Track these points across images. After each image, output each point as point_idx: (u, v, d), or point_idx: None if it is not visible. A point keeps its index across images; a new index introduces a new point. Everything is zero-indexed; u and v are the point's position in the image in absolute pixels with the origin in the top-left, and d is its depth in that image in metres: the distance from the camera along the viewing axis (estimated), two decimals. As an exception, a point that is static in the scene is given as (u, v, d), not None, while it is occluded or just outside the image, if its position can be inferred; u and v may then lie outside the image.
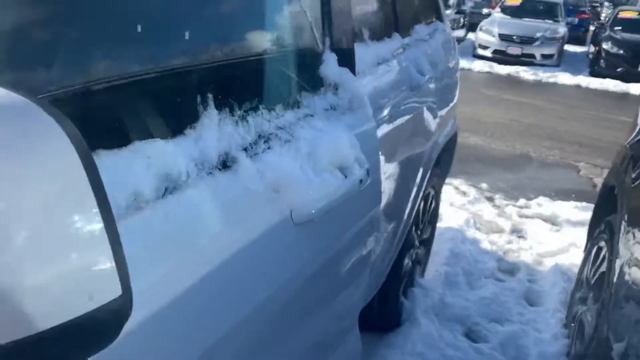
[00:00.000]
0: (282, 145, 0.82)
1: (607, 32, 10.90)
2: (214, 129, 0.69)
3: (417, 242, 2.49)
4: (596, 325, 1.90)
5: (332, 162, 0.86)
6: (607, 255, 2.02)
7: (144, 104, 0.63)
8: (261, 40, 0.88)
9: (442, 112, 2.17)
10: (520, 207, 4.00)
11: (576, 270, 3.03)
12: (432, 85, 1.98)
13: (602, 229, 2.20)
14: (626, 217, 1.84)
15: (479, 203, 3.99)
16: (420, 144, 1.91)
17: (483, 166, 4.89)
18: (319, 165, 0.83)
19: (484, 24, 11.56)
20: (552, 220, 3.78)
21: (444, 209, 3.73)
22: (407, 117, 1.68)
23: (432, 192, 2.54)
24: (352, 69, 1.10)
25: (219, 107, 0.72)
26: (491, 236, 3.47)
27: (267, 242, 0.76)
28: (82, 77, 0.56)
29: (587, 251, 2.39)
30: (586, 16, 15.43)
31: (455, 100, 2.47)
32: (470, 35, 12.97)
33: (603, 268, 2.04)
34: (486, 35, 11.20)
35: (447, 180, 4.51)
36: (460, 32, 13.11)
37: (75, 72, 0.56)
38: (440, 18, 2.49)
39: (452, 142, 2.58)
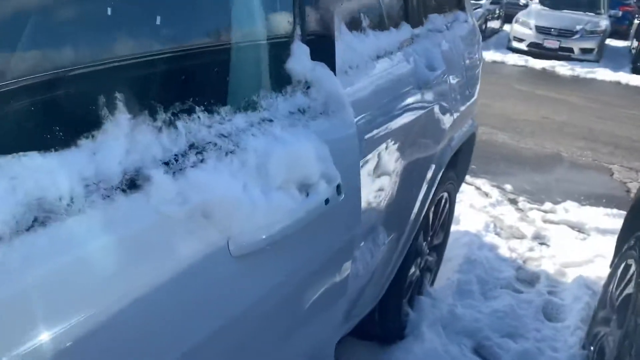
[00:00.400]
0: (221, 158, 0.67)
1: (653, 26, 10.30)
2: (122, 138, 0.55)
3: (426, 249, 2.32)
4: (618, 355, 1.71)
5: (289, 178, 0.71)
6: (635, 276, 1.81)
7: (17, 105, 0.49)
8: (204, 25, 0.72)
9: (458, 111, 1.98)
10: (545, 211, 3.76)
11: (602, 283, 2.81)
12: (445, 82, 1.80)
13: (632, 245, 1.99)
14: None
15: (501, 206, 3.77)
16: (429, 146, 1.74)
17: (509, 166, 4.64)
18: (271, 182, 0.69)
19: (520, 15, 11.08)
20: (579, 227, 3.53)
21: (463, 210, 3.54)
22: (411, 117, 1.52)
23: (446, 196, 2.36)
24: (331, 64, 0.94)
25: (133, 109, 0.58)
26: (511, 242, 3.26)
27: (191, 283, 0.61)
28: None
29: (614, 266, 2.18)
30: (630, 9, 14.63)
31: (474, 98, 2.28)
32: (506, 27, 12.48)
33: (630, 289, 1.84)
34: (522, 28, 10.73)
35: (469, 180, 4.30)
36: (495, 24, 12.65)
37: None
38: (462, 7, 2.29)
39: (469, 143, 2.39)
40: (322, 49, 0.91)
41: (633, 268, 1.89)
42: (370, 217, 1.48)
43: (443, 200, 2.35)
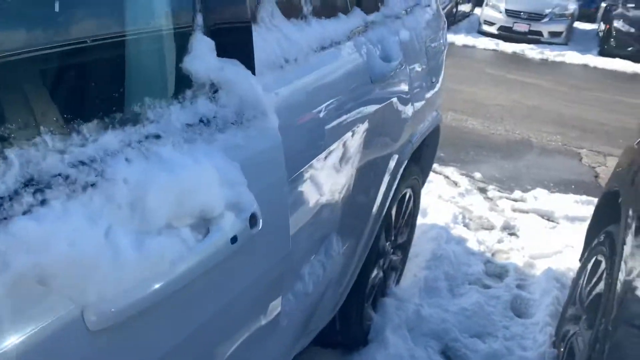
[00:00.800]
0: (74, 194, 0.50)
1: (619, 10, 10.36)
2: None
3: (389, 249, 2.20)
4: (588, 358, 1.62)
5: (179, 215, 0.55)
6: (605, 275, 1.72)
7: None
8: (62, 10, 0.53)
9: (419, 104, 1.85)
10: (515, 200, 3.69)
11: (571, 275, 2.75)
12: (404, 73, 1.66)
13: (602, 241, 1.90)
14: (633, 233, 1.54)
15: (470, 195, 3.69)
16: (386, 144, 1.60)
17: (479, 153, 4.57)
18: (150, 223, 0.52)
19: (490, -2, 11.02)
20: (548, 216, 3.48)
21: (431, 202, 3.44)
22: (365, 115, 1.37)
23: (410, 192, 2.24)
24: (248, 60, 0.77)
25: None
26: (480, 234, 3.18)
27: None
28: None
29: (584, 261, 2.10)
30: (598, -9, 14.73)
31: (438, 88, 2.14)
32: (477, 11, 12.41)
33: (600, 289, 1.75)
34: (492, 11, 10.68)
35: (438, 169, 4.21)
36: (466, 7, 12.58)
37: None
38: (422, -10, 2.14)
39: (433, 135, 2.27)
40: (235, 42, 0.74)
41: (603, 265, 1.80)
42: (320, 229, 1.34)
43: (407, 197, 2.23)
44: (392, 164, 1.70)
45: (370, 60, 1.40)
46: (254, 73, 0.78)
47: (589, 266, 1.98)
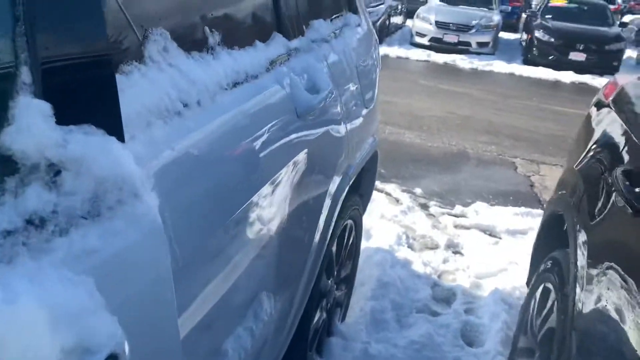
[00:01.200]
0: None
1: (539, 20, 10.93)
2: None
3: (332, 286, 2.03)
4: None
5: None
6: (556, 308, 1.64)
7: None
8: None
9: (354, 133, 1.70)
10: (457, 215, 3.65)
11: (517, 295, 2.70)
12: (334, 103, 1.50)
13: (549, 267, 1.83)
14: (585, 264, 1.45)
15: (412, 212, 3.61)
16: (320, 182, 1.43)
17: (418, 167, 4.53)
18: None
19: (421, 11, 11.30)
20: (490, 231, 3.45)
21: (374, 223, 3.32)
22: (292, 153, 1.19)
23: (350, 223, 2.09)
24: (110, 124, 0.56)
25: None
26: (425, 254, 3.09)
27: None
28: None
29: (531, 288, 2.02)
30: (518, 4, 15.56)
31: (372, 113, 2.01)
32: (409, 22, 12.70)
33: (552, 322, 1.66)
34: (423, 23, 10.95)
35: (380, 186, 4.11)
36: (398, 19, 12.84)
37: None
38: (353, 9, 2.00)
39: (372, 162, 2.13)
40: (88, 99, 0.53)
41: (552, 296, 1.72)
42: (245, 293, 1.15)
43: (348, 229, 2.07)
44: (328, 201, 1.53)
45: (295, 93, 1.23)
46: (121, 139, 0.57)
47: (538, 294, 1.90)
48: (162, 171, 0.75)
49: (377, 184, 4.10)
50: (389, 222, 3.40)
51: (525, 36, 11.37)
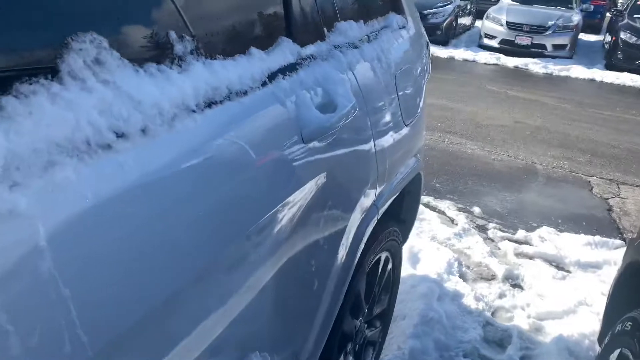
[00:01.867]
0: None
1: (625, 20, 9.95)
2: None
3: (361, 326, 1.77)
4: None
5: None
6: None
7: None
8: None
9: (388, 153, 1.43)
10: (519, 242, 3.25)
11: (587, 345, 2.30)
12: (361, 120, 1.24)
13: (629, 330, 1.47)
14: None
15: (467, 236, 3.25)
16: (334, 218, 1.17)
17: (478, 182, 4.14)
18: None
19: (491, 11, 10.66)
20: (557, 263, 3.03)
21: (423, 245, 3.01)
22: (289, 190, 0.95)
23: (386, 256, 1.81)
24: None
25: None
26: (479, 286, 2.74)
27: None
28: None
29: (605, 349, 1.66)
30: (602, 2, 14.38)
31: (415, 130, 1.72)
32: (478, 23, 12.06)
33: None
34: (493, 24, 10.31)
35: (433, 202, 3.78)
36: (466, 20, 12.24)
37: None
38: (397, 8, 1.73)
39: (414, 185, 1.84)
40: None
41: (633, 369, 1.36)
42: (230, 351, 0.92)
43: (382, 262, 1.80)
44: (347, 238, 1.28)
45: (301, 112, 0.98)
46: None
47: (614, 358, 1.54)
48: (61, 232, 0.54)
49: (430, 200, 3.78)
50: (440, 245, 3.08)
51: (608, 38, 10.41)
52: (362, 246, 1.33)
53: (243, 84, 0.86)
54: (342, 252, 1.26)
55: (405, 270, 2.71)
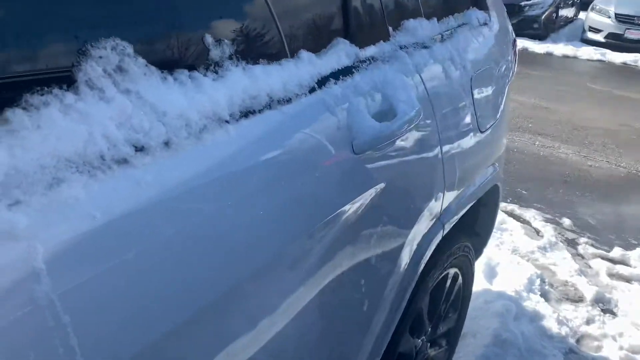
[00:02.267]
0: None
1: None
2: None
3: (424, 346, 1.66)
4: None
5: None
6: None
7: None
8: None
9: (458, 163, 1.30)
10: (614, 260, 2.91)
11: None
12: (426, 128, 1.13)
13: None
14: None
15: (554, 250, 2.97)
16: (391, 235, 1.07)
17: (570, 192, 3.78)
18: None
19: (597, 2, 9.74)
20: (660, 288, 2.67)
21: (502, 258, 2.80)
22: (336, 205, 0.87)
23: (454, 273, 1.68)
24: None
25: None
26: (563, 308, 2.48)
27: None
28: None
29: None
30: None
31: (493, 136, 1.56)
32: (582, 15, 11.10)
33: None
34: (599, 16, 9.41)
35: (517, 211, 3.50)
36: (569, 12, 11.29)
37: None
38: (478, 3, 1.57)
39: (491, 196, 1.68)
40: None
41: None
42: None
43: (450, 278, 1.67)
44: (406, 256, 1.17)
45: (355, 121, 0.90)
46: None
47: None
48: (62, 252, 0.50)
49: (515, 208, 3.51)
50: (522, 259, 2.84)
51: None
52: (423, 263, 1.22)
53: (287, 90, 0.80)
54: (401, 269, 1.16)
55: (480, 284, 2.52)
